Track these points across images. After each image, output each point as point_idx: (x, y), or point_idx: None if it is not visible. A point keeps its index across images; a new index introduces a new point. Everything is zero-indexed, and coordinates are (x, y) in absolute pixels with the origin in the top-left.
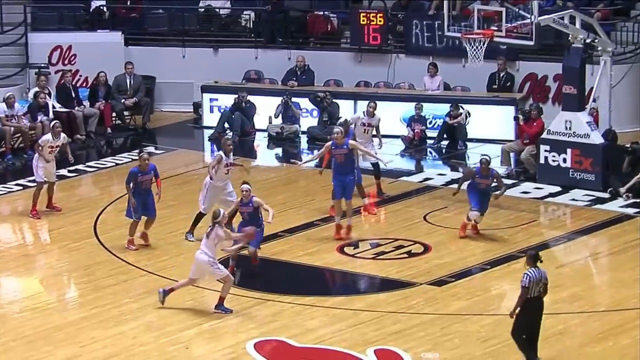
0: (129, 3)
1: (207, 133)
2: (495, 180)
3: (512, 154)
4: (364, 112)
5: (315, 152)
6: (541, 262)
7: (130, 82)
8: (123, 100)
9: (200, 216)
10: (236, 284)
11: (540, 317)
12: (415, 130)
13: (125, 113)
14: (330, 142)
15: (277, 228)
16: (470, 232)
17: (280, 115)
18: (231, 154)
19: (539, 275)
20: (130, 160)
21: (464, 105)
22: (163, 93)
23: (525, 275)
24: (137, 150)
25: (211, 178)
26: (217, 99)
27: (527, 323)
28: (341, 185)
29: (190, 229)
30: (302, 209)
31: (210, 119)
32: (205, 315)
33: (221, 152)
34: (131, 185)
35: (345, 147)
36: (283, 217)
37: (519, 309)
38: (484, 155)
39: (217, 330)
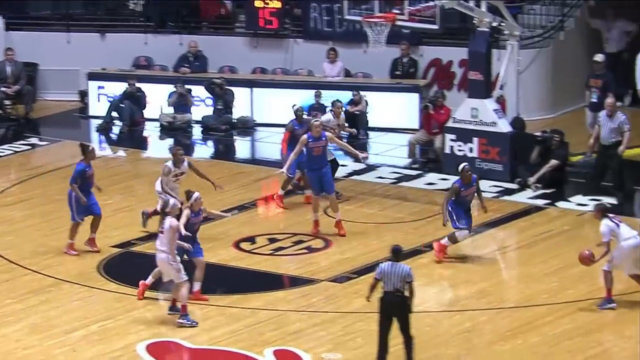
0: None
1: (95, 123)
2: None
3: (417, 146)
4: (331, 111)
5: (291, 154)
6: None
7: (11, 69)
8: (3, 89)
9: None
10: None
11: (398, 313)
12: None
13: (6, 102)
14: (306, 135)
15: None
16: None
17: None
18: (184, 163)
19: (394, 269)
20: (12, 152)
21: (364, 93)
22: (47, 81)
23: (378, 266)
24: (80, 144)
25: (163, 190)
26: (104, 87)
27: (380, 318)
28: (319, 179)
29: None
30: None
31: (98, 108)
32: (94, 315)
33: (169, 163)
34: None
35: (323, 139)
36: None
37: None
38: (464, 163)
39: (106, 332)
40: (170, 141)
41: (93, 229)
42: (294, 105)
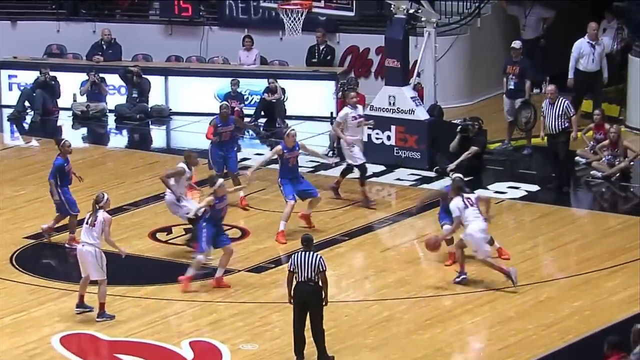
0: None
1: (6, 112)
2: None
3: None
4: (347, 105)
5: (260, 158)
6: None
7: None
8: None
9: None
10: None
11: (311, 303)
12: (235, 109)
13: None
14: (280, 146)
15: (84, 213)
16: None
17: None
18: (194, 167)
19: (306, 259)
20: None
21: (280, 81)
22: None
23: (291, 257)
24: (55, 139)
25: (172, 191)
26: (16, 76)
27: (294, 308)
28: (294, 187)
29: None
30: (110, 193)
31: (9, 97)
32: (7, 308)
33: (183, 165)
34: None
35: (297, 149)
36: (89, 201)
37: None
38: (457, 175)
39: (19, 325)
40: (84, 130)
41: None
42: (222, 102)
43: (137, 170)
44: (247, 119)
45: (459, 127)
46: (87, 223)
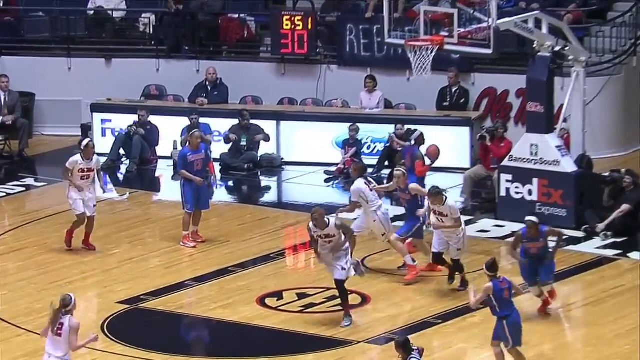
0: (1, 4)
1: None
2: (549, 237)
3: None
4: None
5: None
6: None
7: (4, 99)
8: None
9: None
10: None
11: None
12: (346, 157)
13: None
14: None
15: (184, 275)
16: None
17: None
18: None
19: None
20: (4, 195)
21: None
22: (44, 113)
23: None
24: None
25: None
26: (110, 120)
27: None
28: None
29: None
30: (213, 253)
31: (103, 144)
32: None
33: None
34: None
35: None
36: (190, 262)
37: None
38: (530, 218)
39: None
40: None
41: (196, 222)
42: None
43: (244, 227)
44: (368, 170)
45: (608, 179)
46: (52, 331)
